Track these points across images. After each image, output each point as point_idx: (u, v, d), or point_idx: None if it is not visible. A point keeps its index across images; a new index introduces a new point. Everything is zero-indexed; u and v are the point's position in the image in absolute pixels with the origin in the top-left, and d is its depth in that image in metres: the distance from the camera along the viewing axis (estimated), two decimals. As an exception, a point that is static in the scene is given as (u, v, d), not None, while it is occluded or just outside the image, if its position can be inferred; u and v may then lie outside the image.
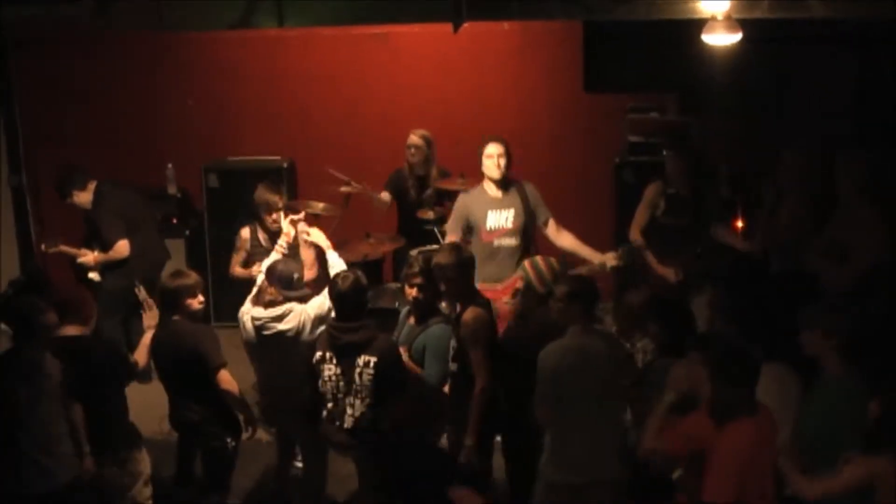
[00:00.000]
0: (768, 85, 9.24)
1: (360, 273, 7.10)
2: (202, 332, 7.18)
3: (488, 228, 8.37)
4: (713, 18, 7.24)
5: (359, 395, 6.80)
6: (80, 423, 6.70)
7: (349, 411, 6.83)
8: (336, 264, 7.56)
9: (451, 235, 8.49)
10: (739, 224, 8.97)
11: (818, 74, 9.21)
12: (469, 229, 8.44)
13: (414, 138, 9.58)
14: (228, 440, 7.23)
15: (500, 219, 8.32)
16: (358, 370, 6.78)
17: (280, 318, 7.22)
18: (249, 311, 7.34)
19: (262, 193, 8.58)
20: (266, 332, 7.25)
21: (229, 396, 7.10)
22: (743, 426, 5.54)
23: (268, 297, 7.31)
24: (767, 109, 9.40)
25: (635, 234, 8.59)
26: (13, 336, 6.73)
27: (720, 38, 7.33)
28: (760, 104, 9.41)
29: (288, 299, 7.26)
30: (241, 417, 7.21)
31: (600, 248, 8.42)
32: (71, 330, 6.95)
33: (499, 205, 8.34)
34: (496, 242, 8.35)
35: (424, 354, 7.17)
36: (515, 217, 8.32)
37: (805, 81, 9.24)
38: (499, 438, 7.15)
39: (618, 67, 9.07)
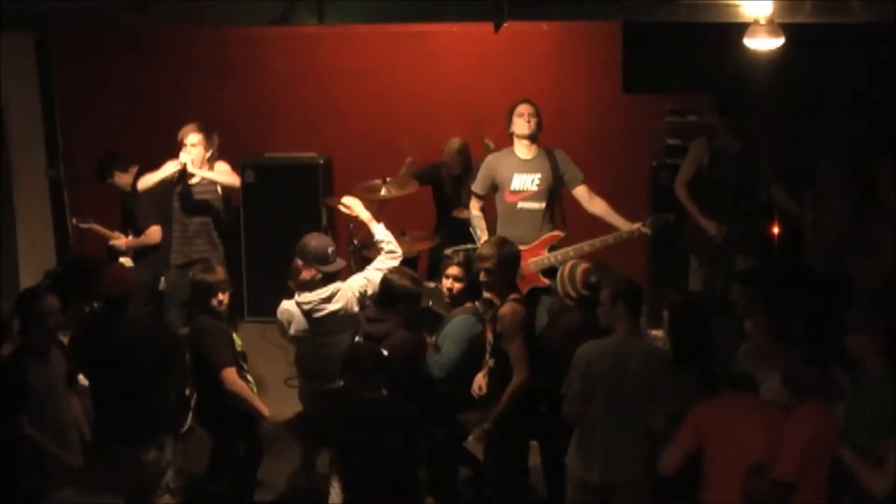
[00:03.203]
0: (806, 87, 9.17)
1: (414, 274, 7.26)
2: (212, 330, 7.13)
3: (512, 189, 8.36)
4: (755, 22, 7.17)
5: None
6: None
7: None
8: (383, 237, 7.58)
9: (477, 195, 8.54)
10: (776, 230, 8.91)
11: (855, 77, 9.13)
12: (495, 189, 8.47)
13: (451, 153, 9.59)
14: (240, 442, 7.21)
15: (526, 181, 8.30)
16: None
17: (329, 299, 7.26)
18: (294, 300, 7.31)
19: None
20: (318, 315, 7.25)
21: (236, 397, 7.03)
22: (813, 409, 5.67)
23: (302, 279, 7.28)
24: (805, 112, 9.33)
25: (679, 189, 8.67)
26: (21, 328, 6.73)
27: (762, 43, 7.26)
28: (798, 106, 9.34)
29: (325, 274, 7.25)
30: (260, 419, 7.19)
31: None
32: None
33: (526, 168, 8.33)
34: (519, 205, 8.31)
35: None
36: (542, 181, 8.30)
37: (842, 84, 9.16)
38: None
39: (657, 69, 9.02)
